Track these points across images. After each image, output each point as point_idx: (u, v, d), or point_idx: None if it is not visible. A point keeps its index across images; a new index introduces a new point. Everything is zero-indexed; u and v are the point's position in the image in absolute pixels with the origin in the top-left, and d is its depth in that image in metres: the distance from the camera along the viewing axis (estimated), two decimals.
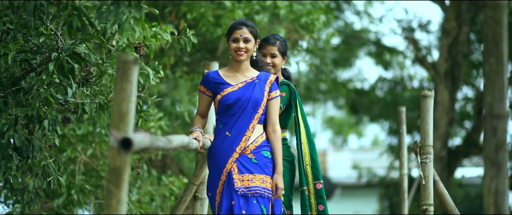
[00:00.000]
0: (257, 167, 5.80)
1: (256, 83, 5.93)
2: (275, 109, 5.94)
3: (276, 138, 5.91)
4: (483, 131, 3.85)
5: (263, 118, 5.93)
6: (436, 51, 20.80)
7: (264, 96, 5.91)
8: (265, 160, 5.85)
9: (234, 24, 5.99)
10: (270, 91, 5.95)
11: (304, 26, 12.64)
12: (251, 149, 5.83)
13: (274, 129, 5.92)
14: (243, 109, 5.85)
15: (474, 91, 21.17)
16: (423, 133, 6.96)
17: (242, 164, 5.79)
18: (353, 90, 25.09)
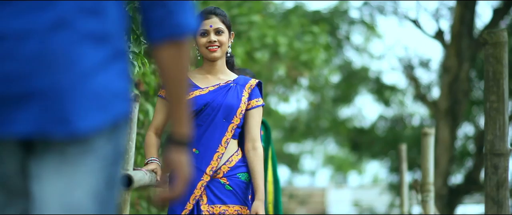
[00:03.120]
0: (231, 196, 4.58)
1: (232, 87, 4.66)
2: (256, 121, 4.69)
3: (256, 157, 4.62)
4: (484, 169, 3.83)
5: (238, 132, 4.68)
6: (436, 89, 20.83)
7: (240, 103, 4.62)
8: (242, 185, 4.62)
9: (201, 14, 4.66)
10: (250, 99, 4.70)
11: (305, 64, 12.66)
12: (224, 172, 4.57)
13: (255, 146, 4.64)
14: (212, 118, 4.56)
15: (474, 129, 21.16)
16: (424, 170, 6.94)
17: (212, 192, 4.55)
18: (353, 129, 25.09)
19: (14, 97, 2.03)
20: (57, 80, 2.03)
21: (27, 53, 2.02)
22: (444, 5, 19.63)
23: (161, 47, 2.21)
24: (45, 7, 2.04)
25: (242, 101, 4.63)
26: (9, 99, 2.04)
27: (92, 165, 2.09)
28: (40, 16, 2.03)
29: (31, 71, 2.03)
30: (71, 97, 2.04)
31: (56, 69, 2.03)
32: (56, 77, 2.03)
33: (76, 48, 2.05)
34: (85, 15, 2.07)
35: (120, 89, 2.14)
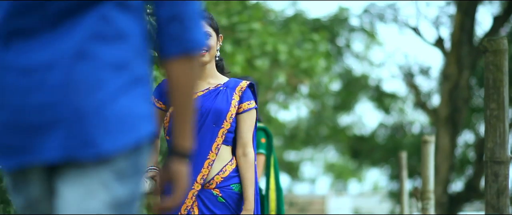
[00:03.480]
0: (224, 208, 4.38)
1: (221, 91, 4.44)
2: (247, 125, 4.48)
3: (247, 163, 4.42)
4: (484, 177, 3.83)
5: (231, 137, 4.46)
6: (436, 96, 20.83)
7: (230, 107, 4.41)
8: (235, 196, 4.42)
9: None
10: (241, 102, 4.47)
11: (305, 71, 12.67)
12: (217, 182, 4.37)
13: (245, 152, 4.43)
14: (202, 124, 4.34)
15: (474, 137, 21.16)
16: (424, 178, 6.94)
17: (204, 204, 4.36)
18: (353, 137, 25.10)
19: (42, 126, 2.16)
20: (81, 107, 2.15)
21: (53, 83, 2.15)
22: (444, 13, 19.65)
23: (175, 61, 2.29)
24: (65, 38, 2.16)
25: (232, 105, 4.43)
26: (38, 128, 2.16)
27: (108, 178, 2.20)
28: (61, 47, 2.16)
29: (57, 100, 2.15)
30: (95, 122, 2.16)
31: (79, 96, 2.15)
32: (80, 104, 2.15)
33: (98, 76, 2.17)
34: (105, 43, 2.19)
35: (142, 113, 2.24)
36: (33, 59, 2.17)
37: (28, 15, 2.19)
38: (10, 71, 2.20)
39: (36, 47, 2.18)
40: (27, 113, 2.18)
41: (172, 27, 2.28)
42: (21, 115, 2.18)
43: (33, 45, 2.18)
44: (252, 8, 11.87)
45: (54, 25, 2.18)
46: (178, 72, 2.30)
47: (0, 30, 2.22)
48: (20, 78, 2.18)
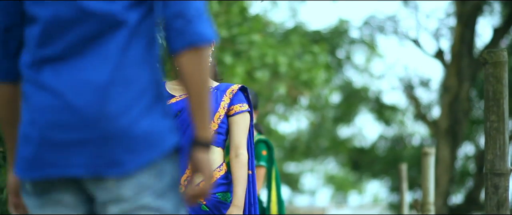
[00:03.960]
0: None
1: (211, 93, 4.13)
2: (240, 127, 4.39)
3: (238, 164, 4.31)
4: (484, 189, 3.82)
5: (221, 139, 4.40)
6: (437, 108, 20.83)
7: (218, 108, 4.35)
8: (219, 206, 4.32)
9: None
10: (231, 104, 4.41)
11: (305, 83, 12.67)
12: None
13: (238, 153, 4.34)
14: (188, 124, 4.17)
15: (475, 148, 21.15)
16: (424, 190, 6.93)
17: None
18: (353, 149, 25.08)
19: (71, 143, 2.39)
20: (108, 129, 2.38)
21: (82, 105, 2.38)
22: (444, 25, 19.67)
23: (182, 55, 2.43)
24: (90, 64, 2.41)
25: (221, 106, 4.37)
26: (67, 145, 2.39)
27: (138, 189, 2.42)
28: (89, 73, 2.40)
29: (86, 122, 2.38)
30: (120, 143, 2.38)
31: (107, 119, 2.38)
32: (107, 127, 2.38)
33: (124, 100, 2.40)
34: (129, 68, 2.43)
35: (164, 128, 2.45)
36: (64, 83, 2.39)
37: (55, 44, 2.43)
38: (43, 91, 2.41)
39: (65, 71, 2.41)
40: (57, 131, 2.39)
41: (177, 22, 2.42)
42: (52, 132, 2.40)
43: (63, 70, 2.41)
44: (252, 20, 11.89)
45: (80, 52, 2.42)
46: (188, 66, 2.43)
47: (33, 56, 2.45)
48: (52, 98, 2.40)
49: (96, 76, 2.40)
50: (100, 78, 2.40)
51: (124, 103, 2.40)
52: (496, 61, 3.76)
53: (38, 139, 2.42)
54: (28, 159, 2.44)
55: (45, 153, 2.42)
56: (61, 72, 2.42)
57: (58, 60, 2.44)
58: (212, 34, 2.46)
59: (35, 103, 2.43)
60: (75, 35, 2.43)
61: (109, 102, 2.39)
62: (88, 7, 2.43)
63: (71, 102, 2.39)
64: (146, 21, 2.50)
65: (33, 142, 2.43)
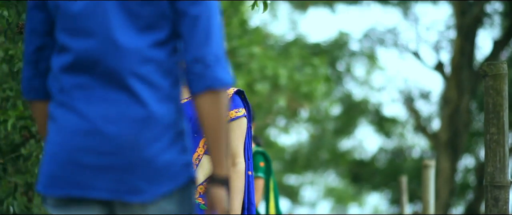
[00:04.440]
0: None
1: None
2: (236, 134, 4.27)
3: (235, 173, 4.21)
4: (484, 201, 3.82)
5: None
6: (437, 121, 20.82)
7: None
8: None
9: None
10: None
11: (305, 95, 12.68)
12: (200, 192, 4.19)
13: (235, 162, 4.23)
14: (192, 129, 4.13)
15: (475, 161, 21.13)
16: (425, 202, 6.93)
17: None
18: (353, 162, 25.07)
19: (97, 168, 2.57)
20: (133, 159, 2.57)
21: (112, 133, 2.57)
22: (445, 37, 19.69)
23: (201, 98, 2.61)
24: (129, 101, 2.59)
25: None
26: (93, 168, 2.57)
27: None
28: (125, 107, 2.59)
29: (113, 150, 2.57)
30: (143, 172, 2.57)
31: (133, 150, 2.57)
32: (133, 156, 2.57)
33: (150, 134, 2.59)
34: (156, 103, 2.62)
35: (183, 162, 2.63)
36: (95, 111, 2.58)
37: (85, 73, 2.61)
38: (73, 116, 2.59)
39: (96, 100, 2.60)
40: (86, 154, 2.57)
41: (196, 67, 2.61)
42: (80, 154, 2.58)
43: (94, 98, 2.60)
44: (252, 32, 11.90)
45: (110, 83, 2.60)
46: (205, 107, 2.62)
47: (64, 82, 2.63)
48: (83, 124, 2.58)
49: (126, 109, 2.59)
50: (129, 111, 2.58)
51: (151, 136, 2.58)
52: (496, 73, 3.76)
53: (66, 159, 2.59)
54: (53, 177, 2.61)
55: (71, 173, 2.59)
56: (92, 101, 2.60)
57: (89, 88, 2.60)
58: (229, 78, 2.63)
59: (65, 126, 2.60)
60: (105, 67, 2.60)
61: (137, 133, 2.57)
62: (117, 42, 2.60)
63: (101, 129, 2.57)
64: (172, 60, 2.67)
65: (60, 162, 2.60)
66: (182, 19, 2.65)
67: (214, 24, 2.70)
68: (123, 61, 2.60)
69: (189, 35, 2.64)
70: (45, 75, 2.77)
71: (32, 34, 2.73)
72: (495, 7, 19.15)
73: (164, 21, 2.66)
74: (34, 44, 2.74)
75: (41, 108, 2.83)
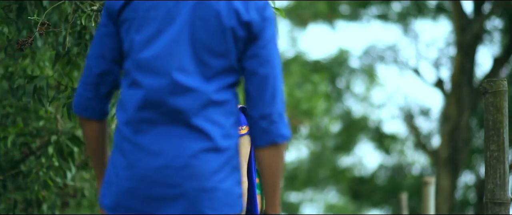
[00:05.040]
0: None
1: None
2: (240, 154, 4.03)
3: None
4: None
5: None
6: (437, 138, 20.81)
7: None
8: None
9: None
10: None
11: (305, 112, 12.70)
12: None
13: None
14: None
15: (475, 178, 21.11)
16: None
17: None
18: (353, 179, 25.05)
19: (166, 198, 2.81)
20: (199, 188, 2.80)
21: (178, 167, 2.81)
22: (444, 54, 19.71)
23: (264, 150, 2.92)
24: (195, 137, 2.82)
25: None
26: (162, 199, 2.81)
27: None
28: (191, 142, 2.82)
29: (181, 181, 2.81)
30: (208, 200, 2.81)
31: (199, 180, 2.80)
32: (199, 186, 2.80)
33: (213, 166, 2.83)
34: (222, 143, 2.86)
35: (238, 193, 2.90)
36: (162, 145, 2.82)
37: (154, 109, 2.83)
38: (140, 149, 2.83)
39: (163, 135, 2.83)
40: (153, 186, 2.81)
41: (262, 123, 2.90)
42: (148, 186, 2.82)
43: (161, 133, 2.83)
44: None
45: (177, 119, 2.83)
46: (268, 159, 2.93)
47: (132, 116, 2.85)
48: (150, 158, 2.82)
49: (193, 145, 2.82)
50: (196, 147, 2.82)
51: (213, 168, 2.83)
52: (496, 90, 3.76)
53: (136, 192, 2.84)
54: (119, 205, 2.87)
55: (141, 204, 2.85)
56: (160, 136, 2.83)
57: (157, 124, 2.84)
58: (289, 133, 2.93)
59: (135, 160, 2.84)
60: (174, 105, 2.83)
61: (202, 166, 2.81)
62: (187, 85, 2.82)
63: (169, 163, 2.81)
64: (234, 102, 2.94)
65: (130, 194, 2.85)
66: (251, 77, 2.90)
67: (279, 83, 2.95)
68: (191, 102, 2.82)
69: (256, 93, 2.92)
70: (104, 98, 3.02)
71: (100, 59, 2.94)
72: (495, 24, 19.19)
73: (231, 72, 2.89)
74: (100, 68, 2.95)
75: (94, 126, 3.05)
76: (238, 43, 2.88)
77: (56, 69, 5.35)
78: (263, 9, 2.93)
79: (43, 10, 5.01)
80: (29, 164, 6.08)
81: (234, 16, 2.87)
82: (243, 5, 2.89)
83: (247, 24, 2.88)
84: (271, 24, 2.95)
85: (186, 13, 2.87)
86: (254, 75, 2.90)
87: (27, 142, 5.82)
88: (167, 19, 2.88)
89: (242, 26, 2.88)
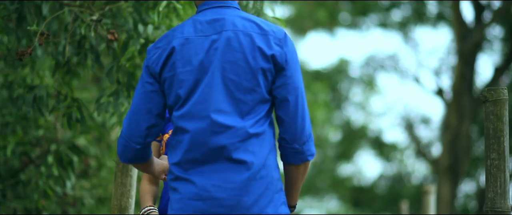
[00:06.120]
0: None
1: None
2: None
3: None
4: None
5: None
6: (437, 146, 20.79)
7: None
8: None
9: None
10: None
11: None
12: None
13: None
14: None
15: (476, 186, 21.08)
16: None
17: None
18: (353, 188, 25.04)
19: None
20: (250, 210, 3.17)
21: (224, 197, 3.16)
22: (445, 63, 19.71)
23: (296, 167, 3.32)
24: (238, 170, 3.18)
25: None
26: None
27: None
28: (234, 175, 3.18)
29: (226, 210, 3.16)
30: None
31: (242, 208, 3.16)
32: (242, 213, 3.16)
33: (255, 194, 3.18)
34: (263, 172, 3.21)
35: (284, 212, 3.25)
36: (208, 180, 3.18)
37: (199, 150, 3.20)
38: (190, 186, 3.20)
39: (209, 171, 3.19)
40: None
41: (294, 145, 3.27)
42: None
43: (207, 170, 3.19)
44: None
45: (220, 156, 3.19)
46: (297, 173, 3.35)
47: (181, 158, 3.23)
48: (199, 191, 3.18)
49: (235, 176, 3.16)
50: (238, 178, 3.16)
51: (256, 196, 3.17)
52: (496, 99, 3.76)
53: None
54: None
55: None
56: (204, 172, 3.19)
57: (202, 162, 3.20)
58: (315, 151, 3.34)
59: (185, 194, 3.20)
60: (215, 143, 3.18)
61: (245, 196, 3.16)
62: (226, 124, 3.18)
63: (214, 195, 3.15)
64: (269, 131, 3.28)
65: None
66: (281, 104, 3.26)
67: (305, 105, 3.35)
68: (231, 139, 3.18)
69: (288, 119, 3.27)
70: (149, 146, 3.38)
71: (148, 114, 3.29)
72: (495, 32, 19.20)
73: (264, 103, 3.25)
74: (148, 122, 3.30)
75: (145, 165, 3.49)
76: (267, 77, 3.24)
77: (56, 78, 5.35)
78: (283, 40, 3.30)
79: (42, 20, 5.01)
80: (28, 173, 6.08)
81: (259, 54, 3.23)
82: (264, 41, 3.25)
83: (272, 57, 3.23)
84: (292, 51, 3.30)
85: (216, 60, 3.22)
86: (284, 102, 3.26)
87: (27, 151, 5.82)
88: (202, 69, 3.22)
89: (267, 61, 3.23)
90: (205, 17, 3.32)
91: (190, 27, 3.31)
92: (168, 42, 3.31)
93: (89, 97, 6.81)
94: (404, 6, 20.28)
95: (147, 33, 5.09)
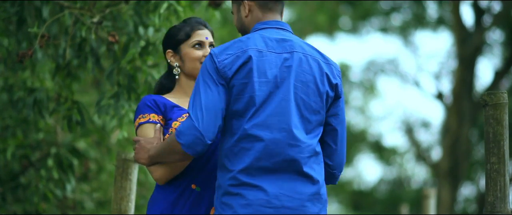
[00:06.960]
0: None
1: None
2: None
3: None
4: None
5: None
6: (437, 150, 20.78)
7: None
8: None
9: (191, 23, 3.94)
10: None
11: None
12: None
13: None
14: (213, 148, 3.72)
15: (476, 190, 21.07)
16: None
17: None
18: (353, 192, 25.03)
19: None
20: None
21: (293, 207, 3.41)
22: (445, 67, 19.71)
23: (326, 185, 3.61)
24: (304, 183, 3.45)
25: None
26: None
27: None
28: (302, 187, 3.44)
29: (299, 214, 3.42)
30: None
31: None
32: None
33: (318, 207, 3.47)
34: (324, 191, 3.51)
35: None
36: (278, 189, 3.40)
37: (270, 159, 3.41)
38: (259, 193, 3.39)
39: (278, 180, 3.41)
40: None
41: (336, 172, 3.68)
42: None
43: (276, 179, 3.41)
44: None
45: (290, 167, 3.43)
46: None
47: (251, 165, 3.40)
48: (268, 198, 3.38)
49: (303, 189, 3.42)
50: (305, 190, 3.43)
51: (317, 210, 3.46)
52: (496, 103, 3.76)
53: None
54: None
55: None
56: (274, 181, 3.40)
57: (272, 171, 3.41)
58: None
59: (254, 201, 3.38)
60: (289, 155, 3.42)
61: (310, 207, 3.43)
62: (298, 139, 3.42)
63: (285, 204, 3.39)
64: (321, 152, 3.57)
65: None
66: (331, 132, 3.61)
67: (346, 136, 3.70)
68: (302, 153, 3.43)
69: (335, 146, 3.64)
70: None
71: (221, 113, 3.41)
72: (495, 36, 19.20)
73: (321, 125, 3.54)
74: (220, 122, 3.39)
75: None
76: (328, 102, 3.54)
77: (56, 81, 5.35)
78: (340, 73, 3.63)
79: (43, 22, 5.01)
80: (28, 176, 6.08)
81: (326, 80, 3.53)
82: (330, 69, 3.57)
83: (336, 86, 3.56)
84: (342, 85, 3.63)
85: (290, 77, 3.46)
86: (334, 131, 3.61)
87: (27, 154, 5.82)
88: (275, 83, 3.44)
89: (332, 88, 3.55)
90: (271, 35, 3.53)
91: (261, 41, 3.49)
92: (242, 50, 3.45)
93: (89, 100, 6.81)
94: (404, 10, 20.28)
95: (148, 35, 5.09)
